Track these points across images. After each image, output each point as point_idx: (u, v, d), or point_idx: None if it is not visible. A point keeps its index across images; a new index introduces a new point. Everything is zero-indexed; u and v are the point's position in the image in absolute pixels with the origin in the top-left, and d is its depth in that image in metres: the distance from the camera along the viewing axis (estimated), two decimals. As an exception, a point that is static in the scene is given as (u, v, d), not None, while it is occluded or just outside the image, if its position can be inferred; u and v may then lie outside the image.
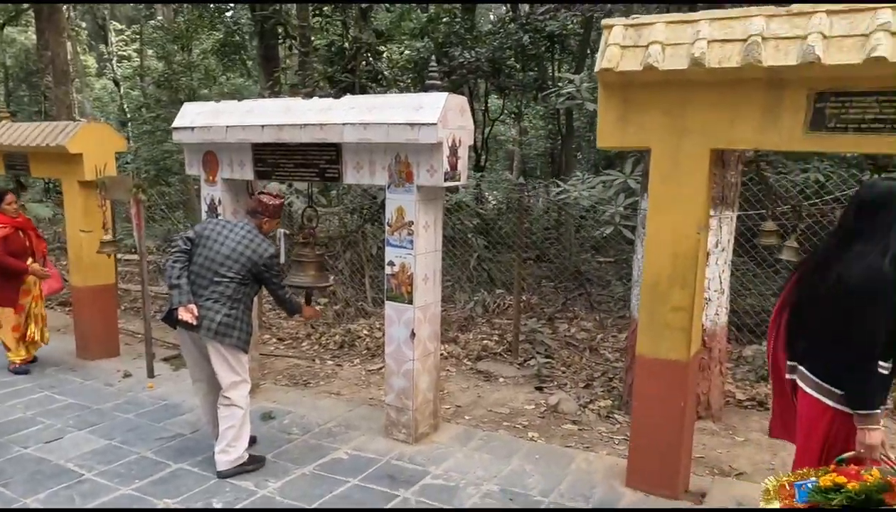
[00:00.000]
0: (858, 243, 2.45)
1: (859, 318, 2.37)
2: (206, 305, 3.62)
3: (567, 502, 3.47)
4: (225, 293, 3.65)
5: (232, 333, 3.65)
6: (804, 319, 2.64)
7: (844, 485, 2.25)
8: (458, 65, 11.15)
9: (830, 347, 2.47)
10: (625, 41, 3.24)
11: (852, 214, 2.54)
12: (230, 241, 3.71)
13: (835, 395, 2.48)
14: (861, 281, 2.38)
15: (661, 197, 3.31)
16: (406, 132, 3.80)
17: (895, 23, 2.68)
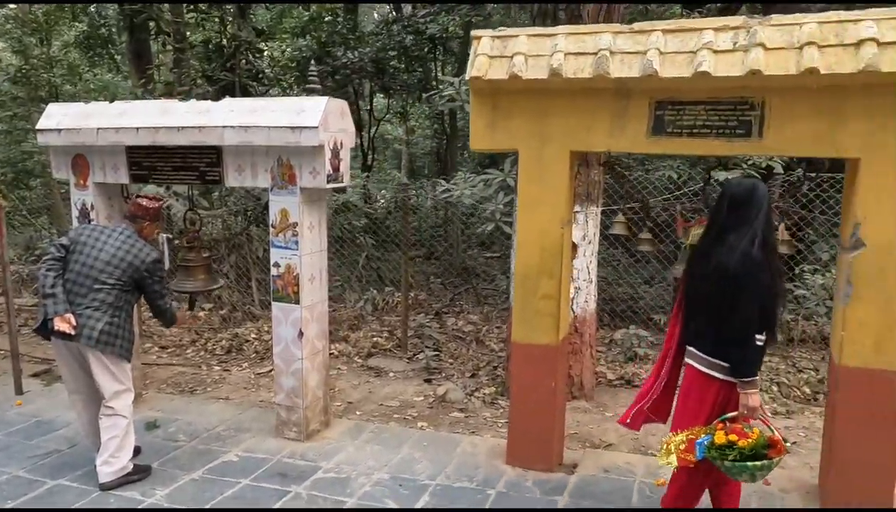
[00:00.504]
0: (730, 235, 2.81)
1: (738, 298, 2.72)
2: (86, 313, 3.51)
3: (453, 483, 3.70)
4: (106, 301, 3.55)
5: (115, 341, 3.56)
6: (693, 306, 2.97)
7: (736, 442, 2.65)
8: (342, 65, 11.17)
9: (716, 327, 2.80)
10: (492, 51, 3.50)
11: (723, 210, 2.89)
12: (110, 246, 3.61)
13: (723, 368, 2.83)
14: (738, 266, 2.73)
15: (528, 195, 3.60)
16: (288, 135, 3.87)
17: (717, 42, 3.10)
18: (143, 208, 3.77)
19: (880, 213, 3.01)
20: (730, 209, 2.85)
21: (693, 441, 2.74)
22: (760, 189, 2.84)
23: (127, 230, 3.72)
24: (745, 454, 2.64)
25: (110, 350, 3.55)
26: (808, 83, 2.96)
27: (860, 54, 2.85)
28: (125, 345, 3.63)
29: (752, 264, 2.71)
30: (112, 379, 3.61)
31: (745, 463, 2.63)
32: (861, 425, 3.13)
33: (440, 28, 10.59)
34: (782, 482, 3.62)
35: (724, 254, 2.78)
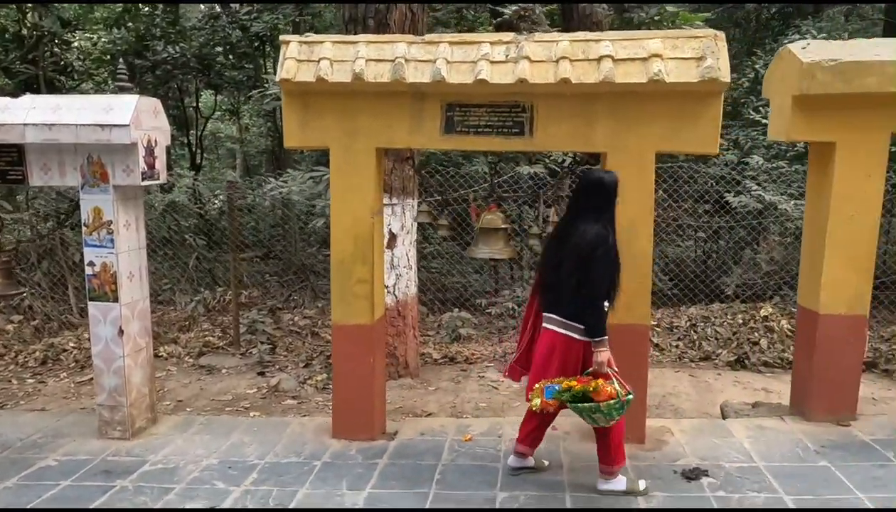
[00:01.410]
0: (582, 217, 3.31)
1: (591, 269, 3.22)
2: None
3: (281, 460, 3.94)
4: None
5: None
6: (550, 278, 3.44)
7: (573, 387, 3.21)
8: (163, 60, 10.76)
9: (573, 295, 3.28)
10: (300, 56, 3.78)
11: (579, 196, 3.41)
12: None
13: (579, 329, 3.32)
14: (592, 244, 3.23)
15: (340, 188, 3.93)
16: (97, 133, 3.87)
17: (493, 54, 3.63)
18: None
19: (624, 199, 3.70)
20: (584, 196, 3.38)
21: (545, 387, 3.29)
22: (608, 179, 3.38)
23: None
24: (576, 396, 3.20)
25: None
26: (564, 90, 3.57)
27: (600, 68, 3.50)
28: None
29: (603, 241, 3.25)
30: None
31: (577, 404, 3.20)
32: (619, 369, 3.83)
33: (266, 26, 10.56)
34: (566, 426, 4.28)
35: (580, 232, 3.28)
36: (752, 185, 7.24)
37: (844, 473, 3.50)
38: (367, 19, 4.99)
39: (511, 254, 4.10)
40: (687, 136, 3.62)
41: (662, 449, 3.90)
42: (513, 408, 5.10)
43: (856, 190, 3.86)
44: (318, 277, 9.76)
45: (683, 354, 6.49)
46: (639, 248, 3.77)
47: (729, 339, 6.61)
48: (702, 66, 3.44)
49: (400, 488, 3.53)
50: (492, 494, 3.44)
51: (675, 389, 5.51)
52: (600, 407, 3.18)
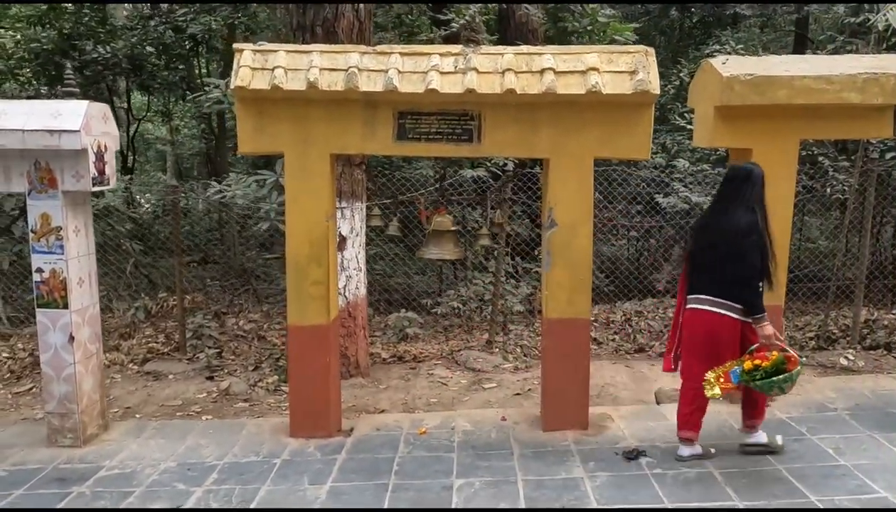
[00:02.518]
0: (734, 206, 3.57)
1: (747, 255, 3.46)
2: None
3: (240, 460, 4.01)
4: None
5: None
6: (703, 263, 3.65)
7: (761, 365, 3.38)
8: (93, 60, 10.47)
9: (728, 277, 3.50)
10: (254, 64, 3.87)
11: (727, 187, 3.66)
12: None
13: (736, 309, 3.53)
14: (746, 230, 3.48)
15: (295, 192, 4.05)
16: (46, 139, 3.85)
17: (442, 65, 3.83)
18: None
19: (565, 201, 3.98)
20: (734, 186, 3.65)
21: (727, 373, 3.47)
22: (756, 171, 3.65)
23: None
24: (769, 372, 3.39)
25: None
26: (509, 100, 3.81)
27: (543, 80, 3.75)
28: None
29: (755, 228, 3.52)
30: None
31: (770, 379, 3.37)
32: (562, 362, 4.11)
33: (202, 28, 10.42)
34: (515, 416, 4.53)
35: (734, 220, 3.53)
36: (679, 187, 7.71)
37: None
38: (315, 27, 5.10)
39: (460, 255, 4.32)
40: (622, 142, 3.92)
41: (604, 433, 4.19)
42: (462, 402, 5.31)
43: (770, 192, 4.25)
44: (259, 280, 9.72)
45: (620, 347, 6.87)
46: (578, 246, 4.04)
47: (661, 331, 7.03)
48: (634, 79, 3.74)
49: (360, 481, 3.68)
50: (448, 481, 3.63)
51: (613, 380, 5.85)
52: (792, 375, 3.39)
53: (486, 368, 6.10)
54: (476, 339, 7.05)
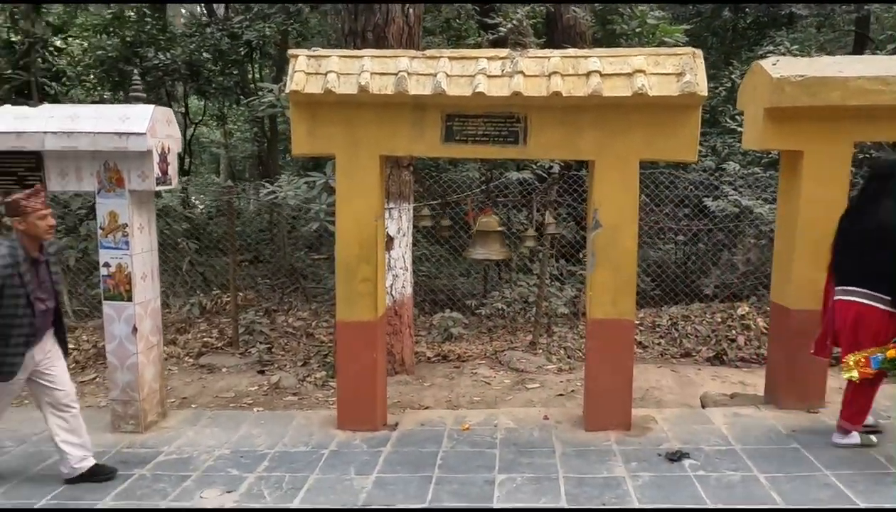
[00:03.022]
0: (877, 200, 3.66)
1: (893, 246, 3.54)
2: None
3: (290, 449, 4.17)
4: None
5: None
6: (851, 255, 3.75)
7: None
8: (154, 66, 10.92)
9: (877, 269, 3.59)
10: (308, 69, 4.03)
11: (871, 182, 3.77)
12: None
13: (885, 300, 3.63)
14: (891, 222, 3.56)
15: (345, 193, 4.18)
16: (115, 141, 4.09)
17: (489, 68, 3.91)
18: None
19: (610, 202, 4.01)
20: (880, 181, 3.75)
21: (869, 358, 3.56)
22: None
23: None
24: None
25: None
26: (555, 102, 3.86)
27: (589, 82, 3.80)
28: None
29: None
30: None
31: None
32: (605, 362, 4.13)
33: (257, 34, 10.76)
34: (558, 416, 4.56)
35: (879, 213, 3.63)
36: (729, 191, 7.60)
37: (812, 453, 3.82)
38: (366, 32, 5.25)
39: (506, 255, 4.38)
40: (668, 144, 3.93)
41: (647, 435, 4.19)
42: (505, 401, 5.37)
43: (822, 194, 4.20)
44: (307, 280, 9.97)
45: (665, 351, 6.81)
46: (623, 248, 4.06)
47: (708, 336, 6.94)
48: (681, 81, 3.75)
49: (405, 473, 3.78)
50: (490, 476, 3.70)
51: (657, 383, 5.82)
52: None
53: (530, 369, 6.14)
54: (520, 340, 7.10)
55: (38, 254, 3.62)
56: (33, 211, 3.50)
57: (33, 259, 3.59)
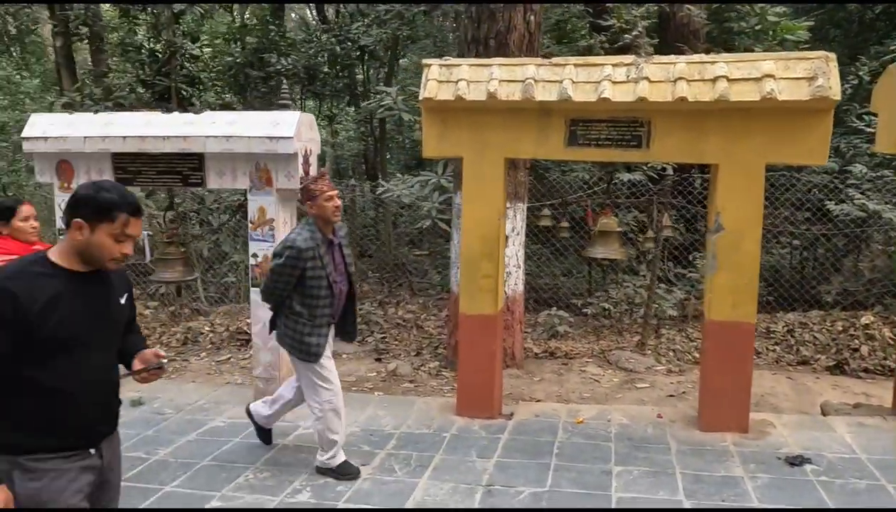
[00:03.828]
0: None
1: None
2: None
3: (414, 431, 4.49)
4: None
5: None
6: None
7: None
8: (275, 71, 11.68)
9: None
10: (440, 77, 4.31)
11: None
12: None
13: None
14: None
15: (471, 194, 4.44)
16: (266, 144, 4.55)
17: (614, 75, 4.05)
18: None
19: (734, 206, 4.04)
20: None
21: None
22: None
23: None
24: None
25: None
26: (680, 107, 3.94)
27: (716, 87, 3.85)
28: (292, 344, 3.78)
29: None
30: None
31: None
32: (723, 364, 4.17)
33: (373, 39, 11.27)
34: (671, 415, 4.63)
35: None
36: (855, 194, 7.27)
37: (947, 467, 3.71)
38: (489, 40, 5.49)
39: (623, 255, 4.50)
40: (796, 148, 3.92)
41: (765, 438, 4.19)
42: (615, 398, 5.47)
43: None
44: (411, 275, 10.39)
45: (780, 358, 6.64)
46: (746, 251, 4.08)
47: (827, 344, 6.70)
48: (813, 85, 3.73)
49: (523, 459, 4.00)
50: (607, 467, 3.85)
51: (773, 390, 5.71)
52: None
53: (639, 369, 6.19)
54: (626, 340, 7.14)
55: (332, 236, 3.76)
56: (321, 193, 3.61)
57: (329, 241, 3.73)
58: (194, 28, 13.75)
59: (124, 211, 2.10)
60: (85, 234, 2.08)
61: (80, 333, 2.12)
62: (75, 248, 2.12)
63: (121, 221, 2.09)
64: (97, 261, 2.14)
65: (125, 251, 2.15)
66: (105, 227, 2.08)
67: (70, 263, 2.13)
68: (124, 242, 2.13)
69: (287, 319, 3.75)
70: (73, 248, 2.12)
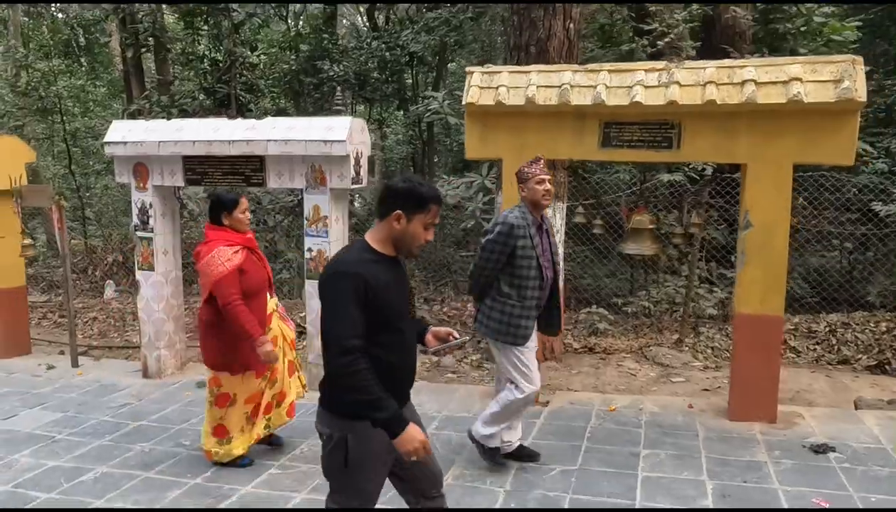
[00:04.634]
0: None
1: None
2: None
3: (454, 415, 4.80)
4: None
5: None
6: None
7: None
8: (328, 78, 12.19)
9: None
10: (482, 83, 4.62)
11: None
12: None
13: None
14: None
15: (510, 194, 4.72)
16: (321, 147, 4.94)
17: (646, 80, 4.28)
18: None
19: (762, 203, 4.21)
20: None
21: None
22: None
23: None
24: None
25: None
26: (710, 110, 4.14)
27: (744, 91, 4.04)
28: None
29: None
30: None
31: None
32: (751, 355, 4.34)
33: (422, 46, 11.64)
34: (702, 406, 4.81)
35: None
36: (899, 195, 7.24)
37: (972, 458, 3.80)
38: (530, 46, 5.77)
39: (657, 250, 4.70)
40: (823, 149, 4.07)
41: (793, 429, 4.34)
42: (650, 391, 5.65)
43: None
44: (456, 274, 10.70)
45: (821, 357, 6.68)
46: (774, 246, 4.25)
47: (870, 345, 6.71)
48: (839, 88, 3.89)
49: (556, 440, 4.26)
50: (636, 449, 4.08)
51: (809, 387, 5.79)
52: None
53: (675, 364, 6.35)
54: (665, 338, 7.28)
55: (541, 221, 3.77)
56: (532, 176, 3.65)
57: (539, 224, 3.73)
58: (252, 38, 14.45)
59: (435, 202, 2.35)
60: (402, 223, 2.32)
61: (402, 312, 2.39)
62: (392, 237, 2.35)
63: (432, 212, 2.34)
64: (407, 248, 2.38)
65: (430, 238, 2.39)
66: (420, 217, 2.33)
67: (386, 250, 2.37)
68: (430, 230, 2.38)
69: (494, 302, 3.68)
70: (390, 236, 2.35)
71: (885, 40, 10.79)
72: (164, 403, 5.22)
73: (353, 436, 2.32)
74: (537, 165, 3.68)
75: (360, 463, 2.35)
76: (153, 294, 5.70)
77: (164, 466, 4.09)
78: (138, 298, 5.82)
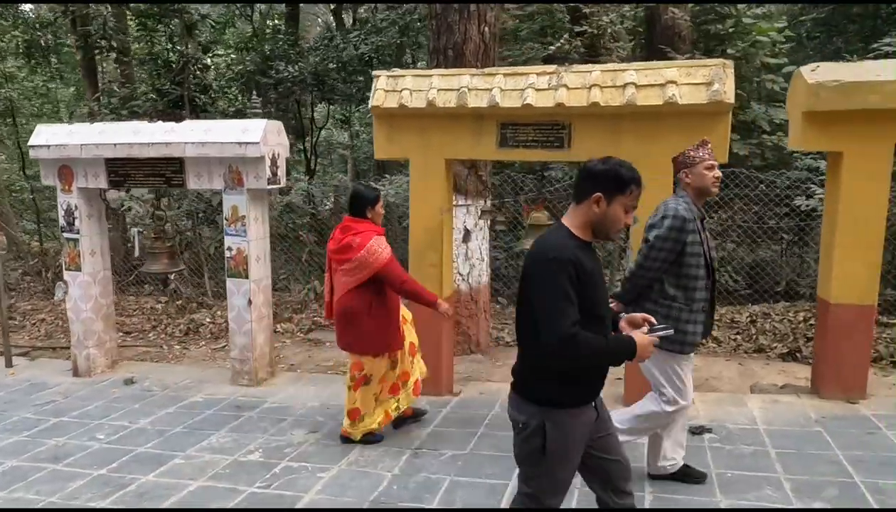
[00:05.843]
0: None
1: None
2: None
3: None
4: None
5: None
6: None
7: None
8: (285, 78, 12.28)
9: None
10: (387, 86, 4.80)
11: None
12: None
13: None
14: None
15: (417, 191, 4.92)
16: (236, 149, 5.09)
17: (537, 83, 4.48)
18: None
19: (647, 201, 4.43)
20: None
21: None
22: None
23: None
24: None
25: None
26: (596, 111, 4.36)
27: (625, 93, 4.26)
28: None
29: None
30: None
31: None
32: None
33: (370, 47, 11.78)
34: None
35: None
36: (818, 190, 7.52)
37: (832, 435, 4.05)
38: (447, 50, 5.95)
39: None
40: (701, 147, 4.29)
41: (680, 413, 4.56)
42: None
43: (862, 193, 4.37)
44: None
45: (739, 346, 6.96)
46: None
47: (786, 334, 7.00)
48: (710, 90, 4.12)
49: (455, 428, 4.47)
50: (527, 435, 4.28)
51: (719, 374, 6.04)
52: None
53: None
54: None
55: (704, 213, 3.33)
56: (700, 161, 3.22)
57: (702, 217, 3.29)
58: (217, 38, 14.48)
59: (636, 184, 2.28)
60: (602, 206, 2.26)
61: (605, 299, 2.38)
62: (591, 220, 2.29)
63: (633, 194, 2.28)
64: (606, 231, 2.32)
65: (629, 221, 2.31)
66: (620, 199, 2.26)
67: (586, 236, 2.32)
68: (630, 213, 2.30)
69: (657, 306, 3.20)
70: (589, 220, 2.29)
71: (840, 38, 11.06)
72: (88, 400, 5.35)
73: (551, 423, 2.34)
74: (705, 149, 3.24)
75: (557, 450, 2.36)
76: (80, 294, 5.82)
77: (72, 459, 4.23)
78: (67, 298, 5.94)
